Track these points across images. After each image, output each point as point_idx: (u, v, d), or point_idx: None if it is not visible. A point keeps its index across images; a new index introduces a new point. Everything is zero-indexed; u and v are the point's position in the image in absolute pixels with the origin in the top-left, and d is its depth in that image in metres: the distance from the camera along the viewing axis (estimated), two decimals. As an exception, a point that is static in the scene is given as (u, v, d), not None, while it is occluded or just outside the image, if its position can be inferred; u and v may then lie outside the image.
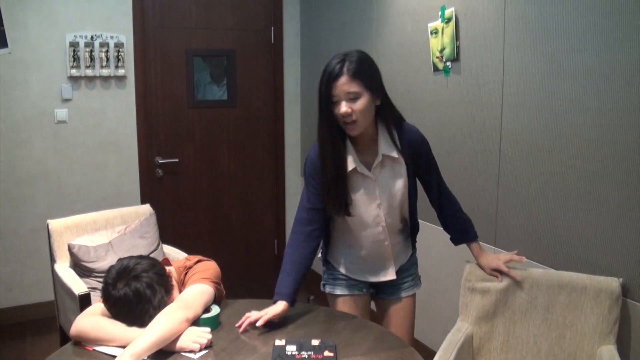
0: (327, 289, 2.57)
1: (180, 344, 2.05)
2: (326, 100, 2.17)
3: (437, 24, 3.34)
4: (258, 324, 2.14)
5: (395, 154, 2.28)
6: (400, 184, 2.34)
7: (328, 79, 2.15)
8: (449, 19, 3.24)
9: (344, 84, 2.12)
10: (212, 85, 5.06)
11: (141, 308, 2.12)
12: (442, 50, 3.33)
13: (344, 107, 2.13)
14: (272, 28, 5.18)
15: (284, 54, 5.26)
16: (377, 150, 2.29)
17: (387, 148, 2.27)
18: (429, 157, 2.38)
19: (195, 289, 2.26)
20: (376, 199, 2.33)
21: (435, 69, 3.42)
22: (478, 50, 3.11)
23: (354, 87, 2.12)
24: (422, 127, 3.52)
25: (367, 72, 2.16)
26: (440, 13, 3.31)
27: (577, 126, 2.57)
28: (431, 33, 3.40)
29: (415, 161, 2.34)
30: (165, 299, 2.19)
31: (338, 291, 2.53)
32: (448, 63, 3.31)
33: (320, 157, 2.27)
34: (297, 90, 5.33)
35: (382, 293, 2.57)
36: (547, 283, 2.42)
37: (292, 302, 2.27)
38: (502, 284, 2.46)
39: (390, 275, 2.49)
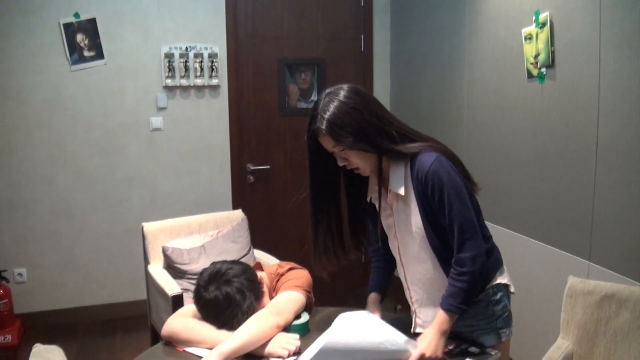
0: None
1: (269, 349, 2.07)
2: (318, 150, 2.04)
3: (531, 29, 3.26)
4: None
5: (401, 191, 2.02)
6: (413, 223, 2.06)
7: (310, 134, 2.02)
8: (544, 24, 3.15)
9: (324, 140, 1.97)
10: (300, 102, 5.12)
11: (230, 312, 2.16)
12: (536, 56, 3.25)
13: (339, 162, 2.01)
14: (362, 36, 5.19)
15: (374, 62, 5.26)
16: None
17: (395, 183, 2.04)
18: (440, 195, 1.95)
19: (288, 296, 2.28)
20: (394, 235, 2.16)
21: (530, 75, 3.33)
22: (573, 56, 3.01)
23: (333, 142, 1.95)
24: (516, 134, 3.47)
25: (338, 125, 1.92)
26: (534, 18, 3.23)
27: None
28: (525, 38, 3.32)
29: (426, 199, 1.99)
30: (254, 305, 2.22)
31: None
32: (543, 69, 3.22)
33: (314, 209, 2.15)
34: (387, 98, 5.31)
35: None
36: (652, 303, 2.28)
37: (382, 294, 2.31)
38: (604, 301, 2.34)
39: (412, 325, 2.22)
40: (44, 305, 4.64)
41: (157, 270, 3.42)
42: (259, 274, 2.40)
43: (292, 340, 2.10)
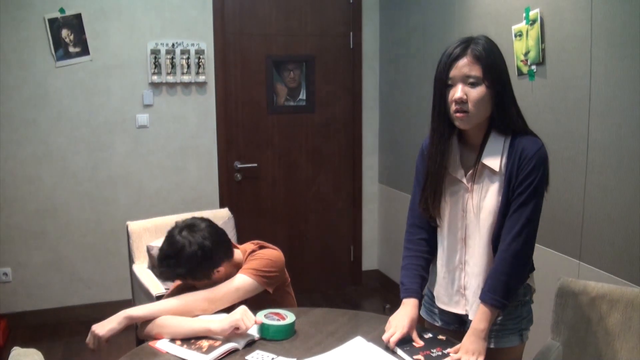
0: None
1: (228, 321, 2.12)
2: (441, 83, 2.00)
3: (522, 26, 3.23)
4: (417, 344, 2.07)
5: (495, 166, 1.98)
6: (492, 202, 2.00)
7: (447, 60, 1.96)
8: (534, 21, 3.12)
9: (465, 65, 1.92)
10: (288, 101, 5.08)
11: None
12: (526, 54, 3.22)
13: (458, 92, 1.93)
14: (351, 33, 5.15)
15: (363, 59, 5.22)
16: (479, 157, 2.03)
17: (489, 157, 1.99)
18: (532, 179, 1.94)
19: (234, 286, 2.34)
20: (463, 210, 2.07)
21: (520, 73, 3.30)
22: (564, 53, 2.99)
23: (474, 71, 1.90)
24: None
25: (492, 59, 1.92)
26: (524, 15, 3.20)
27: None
28: (515, 35, 3.29)
29: (514, 177, 1.96)
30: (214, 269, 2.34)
31: (423, 313, 2.32)
32: (533, 67, 3.19)
33: (430, 146, 2.09)
34: (376, 95, 5.27)
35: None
36: (643, 303, 2.25)
37: (420, 297, 2.17)
38: (595, 302, 2.30)
39: (458, 308, 2.16)
40: (29, 305, 4.58)
41: (142, 270, 3.37)
42: (235, 251, 2.49)
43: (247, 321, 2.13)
